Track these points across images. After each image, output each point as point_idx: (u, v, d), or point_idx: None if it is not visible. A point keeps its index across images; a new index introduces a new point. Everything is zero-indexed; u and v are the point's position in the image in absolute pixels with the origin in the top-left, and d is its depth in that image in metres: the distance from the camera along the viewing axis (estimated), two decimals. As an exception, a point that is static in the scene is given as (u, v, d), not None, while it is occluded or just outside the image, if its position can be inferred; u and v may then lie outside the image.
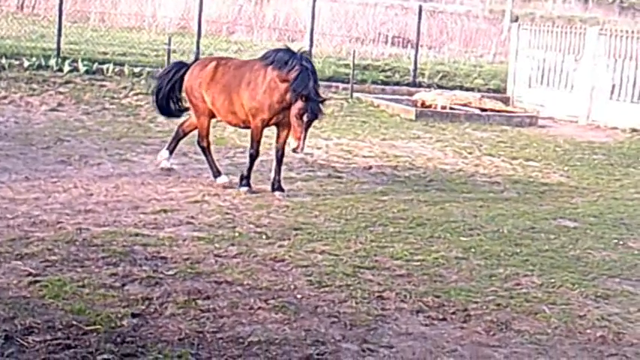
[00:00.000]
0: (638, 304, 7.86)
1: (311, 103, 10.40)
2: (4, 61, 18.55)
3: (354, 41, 26.98)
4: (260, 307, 6.92)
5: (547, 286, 8.11)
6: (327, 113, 11.44)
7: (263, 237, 9.02)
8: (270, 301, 7.07)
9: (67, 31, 21.13)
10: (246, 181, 11.14)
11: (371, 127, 17.42)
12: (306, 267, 8.09)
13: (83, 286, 7.10)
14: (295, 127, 10.46)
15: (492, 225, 10.29)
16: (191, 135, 12.08)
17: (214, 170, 11.55)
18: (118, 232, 8.74)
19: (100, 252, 8.04)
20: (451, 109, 19.88)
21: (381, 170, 13.37)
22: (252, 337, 6.32)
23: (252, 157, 11.14)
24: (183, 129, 12.03)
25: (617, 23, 35.66)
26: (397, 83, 22.63)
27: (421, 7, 24.59)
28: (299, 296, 7.29)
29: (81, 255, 7.92)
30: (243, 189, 11.06)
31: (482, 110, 20.16)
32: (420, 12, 24.21)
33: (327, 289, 7.51)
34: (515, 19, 31.85)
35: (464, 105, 20.21)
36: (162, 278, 7.46)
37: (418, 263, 8.50)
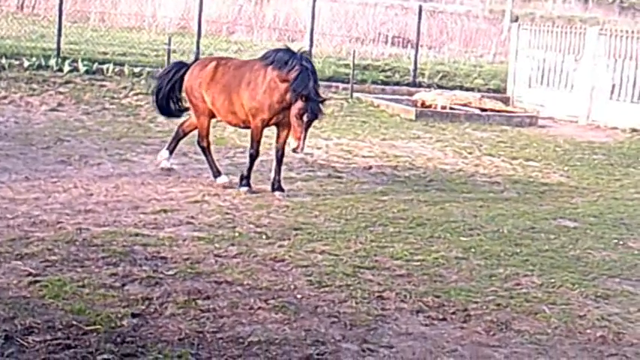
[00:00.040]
0: (638, 304, 7.85)
1: (311, 103, 10.40)
2: (4, 61, 18.54)
3: (354, 41, 26.98)
4: (260, 307, 6.92)
5: (547, 286, 8.11)
6: (327, 113, 11.43)
7: (263, 237, 9.02)
8: (270, 301, 7.07)
9: (67, 31, 21.13)
10: (246, 181, 11.14)
11: (371, 127, 17.42)
12: (306, 267, 8.09)
13: (83, 286, 7.10)
14: (295, 127, 10.46)
15: (492, 225, 10.29)
16: (191, 135, 12.08)
17: (214, 170, 11.56)
18: (118, 232, 8.74)
19: (100, 252, 8.04)
20: (451, 109, 19.88)
21: (381, 170, 13.36)
22: (252, 337, 6.32)
23: (252, 157, 11.15)
24: (184, 129, 12.04)
25: (617, 23, 35.66)
26: (397, 83, 22.63)
27: (421, 7, 24.59)
28: (299, 296, 7.29)
29: (81, 255, 7.92)
30: (243, 189, 11.07)
31: (482, 110, 20.15)
32: (420, 12, 24.21)
33: (327, 289, 7.51)
34: (515, 19, 31.84)
35: (464, 105, 20.20)
36: (162, 278, 7.46)
37: (418, 263, 8.50)
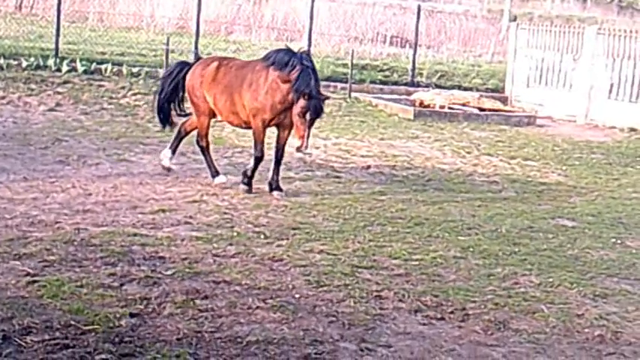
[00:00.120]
0: (636, 303, 7.86)
1: (313, 101, 10.42)
2: (2, 61, 18.53)
3: (352, 41, 26.98)
4: (258, 307, 6.92)
5: (545, 285, 8.12)
6: (326, 113, 11.43)
7: (261, 236, 9.02)
8: (268, 301, 7.07)
9: (65, 31, 21.12)
10: (247, 181, 11.14)
11: (369, 127, 17.42)
12: (304, 266, 8.09)
13: (81, 286, 7.10)
14: (298, 126, 10.48)
15: (490, 224, 10.30)
16: (190, 135, 12.08)
17: (212, 170, 11.56)
18: (116, 232, 8.73)
19: (98, 252, 8.04)
20: (449, 108, 19.88)
21: (380, 170, 13.37)
22: (251, 336, 6.32)
23: (257, 160, 11.09)
24: (185, 128, 12.03)
25: (616, 23, 35.69)
26: (395, 83, 22.63)
27: (419, 7, 24.60)
28: (297, 296, 7.29)
29: (79, 255, 7.92)
30: (243, 187, 11.08)
31: (481, 110, 20.15)
32: (418, 12, 24.23)
33: (325, 289, 7.51)
34: (514, 18, 31.85)
35: (462, 104, 20.20)
36: (161, 278, 7.46)
37: (416, 263, 8.50)
